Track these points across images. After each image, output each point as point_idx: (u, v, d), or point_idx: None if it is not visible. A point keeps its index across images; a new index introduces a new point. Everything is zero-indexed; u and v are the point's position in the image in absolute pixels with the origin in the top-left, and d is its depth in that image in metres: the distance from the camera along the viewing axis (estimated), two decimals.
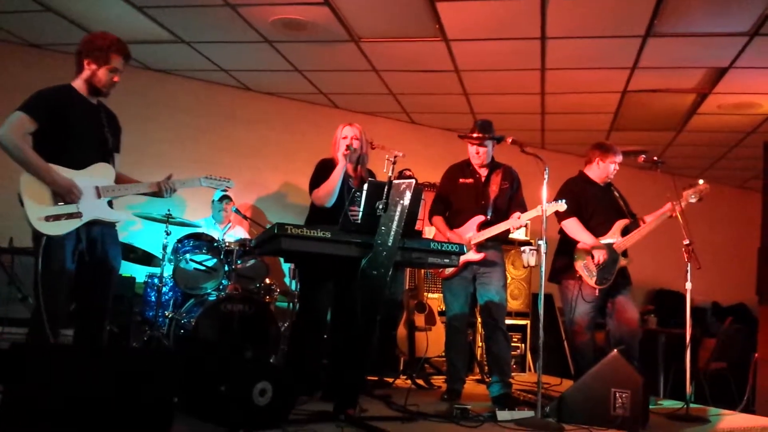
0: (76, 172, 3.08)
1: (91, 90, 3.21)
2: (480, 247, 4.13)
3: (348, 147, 3.86)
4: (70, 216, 3.03)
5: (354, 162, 3.99)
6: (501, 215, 4.18)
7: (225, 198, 5.64)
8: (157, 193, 3.32)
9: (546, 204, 3.60)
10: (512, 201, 4.25)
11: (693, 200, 4.23)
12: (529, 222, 4.24)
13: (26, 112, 3.01)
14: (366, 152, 4.02)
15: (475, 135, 4.14)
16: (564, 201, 3.94)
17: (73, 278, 3.11)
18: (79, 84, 3.20)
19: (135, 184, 3.31)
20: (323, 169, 3.93)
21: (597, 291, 4.25)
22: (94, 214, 3.12)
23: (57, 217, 2.99)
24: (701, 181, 4.27)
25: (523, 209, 4.15)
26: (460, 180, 4.30)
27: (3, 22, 5.28)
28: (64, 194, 3.01)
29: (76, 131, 3.12)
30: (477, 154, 4.22)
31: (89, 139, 3.17)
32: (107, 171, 3.21)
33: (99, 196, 3.14)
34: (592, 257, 4.24)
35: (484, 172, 4.28)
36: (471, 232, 4.16)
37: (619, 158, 4.46)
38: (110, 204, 3.24)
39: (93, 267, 3.18)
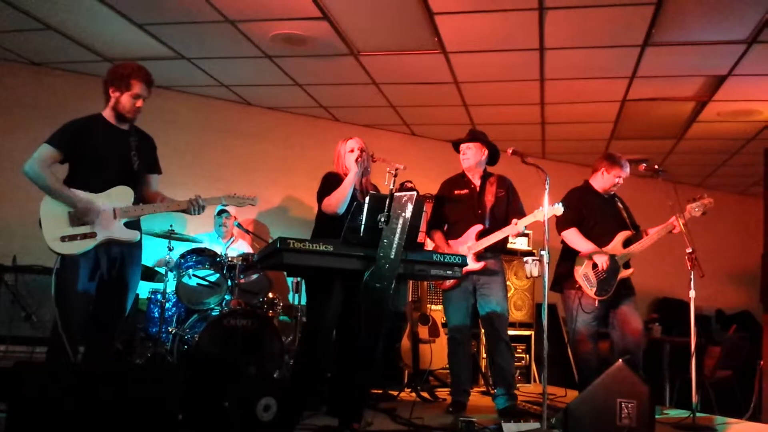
0: (95, 195, 3.22)
1: (117, 117, 3.36)
2: (479, 257, 4.13)
3: (362, 151, 3.93)
4: (84, 236, 3.16)
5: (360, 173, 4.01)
6: (499, 223, 4.18)
7: (223, 212, 5.64)
8: (186, 210, 3.43)
9: (544, 209, 3.58)
10: (510, 208, 4.26)
11: (697, 213, 4.21)
12: (531, 232, 4.24)
13: (51, 144, 3.20)
14: (369, 165, 4.05)
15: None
16: (561, 204, 3.92)
17: (92, 298, 3.22)
18: (107, 112, 3.37)
19: (161, 203, 3.42)
20: (332, 180, 3.96)
21: (596, 302, 4.24)
22: (109, 234, 3.23)
23: (72, 238, 3.13)
24: (705, 195, 4.26)
25: (522, 215, 4.16)
26: (455, 192, 4.32)
27: (4, 41, 5.31)
28: (82, 213, 3.14)
29: (99, 157, 3.27)
30: (464, 155, 4.29)
31: (112, 164, 3.31)
32: (125, 193, 3.32)
33: (115, 217, 3.25)
34: (594, 265, 4.23)
35: (477, 181, 4.30)
36: (470, 241, 4.16)
37: (625, 172, 4.46)
38: (134, 225, 3.35)
39: (110, 285, 3.30)
